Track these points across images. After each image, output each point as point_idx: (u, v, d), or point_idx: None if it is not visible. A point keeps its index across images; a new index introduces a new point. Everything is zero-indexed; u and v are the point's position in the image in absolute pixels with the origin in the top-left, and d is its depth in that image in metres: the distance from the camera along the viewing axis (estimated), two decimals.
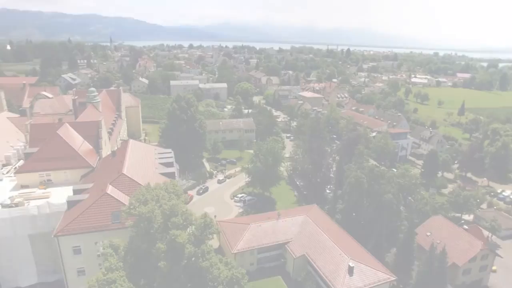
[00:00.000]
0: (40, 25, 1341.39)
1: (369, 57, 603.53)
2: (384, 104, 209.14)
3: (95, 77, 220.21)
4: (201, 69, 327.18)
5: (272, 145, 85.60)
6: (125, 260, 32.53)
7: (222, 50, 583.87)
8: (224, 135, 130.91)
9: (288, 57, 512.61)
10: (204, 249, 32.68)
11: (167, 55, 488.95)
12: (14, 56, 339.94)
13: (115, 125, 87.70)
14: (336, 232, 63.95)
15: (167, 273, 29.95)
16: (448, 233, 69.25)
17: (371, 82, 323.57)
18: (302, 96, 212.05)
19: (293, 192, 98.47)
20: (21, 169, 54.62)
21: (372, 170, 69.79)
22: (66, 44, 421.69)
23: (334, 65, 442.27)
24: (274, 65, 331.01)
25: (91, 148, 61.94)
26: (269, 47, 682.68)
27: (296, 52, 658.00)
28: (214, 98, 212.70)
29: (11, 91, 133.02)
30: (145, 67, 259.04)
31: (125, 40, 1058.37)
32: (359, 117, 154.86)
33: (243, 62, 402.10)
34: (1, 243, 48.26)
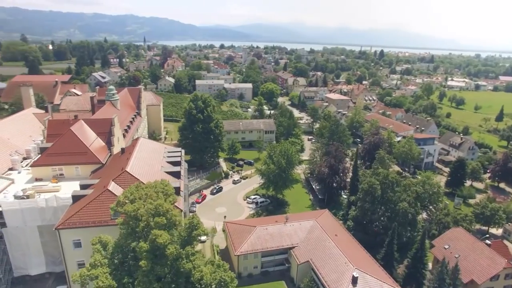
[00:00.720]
0: (81, 26, 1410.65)
1: (403, 59, 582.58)
2: (414, 108, 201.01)
3: (124, 76, 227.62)
4: (229, 69, 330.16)
5: (286, 147, 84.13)
6: (113, 257, 32.82)
7: (253, 50, 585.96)
8: (244, 136, 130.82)
9: (319, 58, 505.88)
10: (188, 250, 32.29)
11: (197, 54, 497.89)
12: (55, 55, 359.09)
13: (133, 122, 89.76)
14: (344, 239, 61.67)
15: (147, 272, 29.84)
16: (468, 247, 64.84)
17: (403, 84, 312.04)
18: (328, 98, 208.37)
19: (308, 196, 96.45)
20: (35, 162, 57.07)
21: (386, 176, 66.67)
22: (102, 44, 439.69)
23: (365, 66, 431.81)
24: (302, 66, 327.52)
25: (103, 145, 63.69)
26: (300, 48, 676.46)
27: (327, 53, 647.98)
28: (238, 98, 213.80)
29: (45, 88, 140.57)
30: (173, 66, 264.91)
31: (159, 39, 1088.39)
32: (384, 121, 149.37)
33: (271, 62, 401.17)
34: (13, 233, 50.56)
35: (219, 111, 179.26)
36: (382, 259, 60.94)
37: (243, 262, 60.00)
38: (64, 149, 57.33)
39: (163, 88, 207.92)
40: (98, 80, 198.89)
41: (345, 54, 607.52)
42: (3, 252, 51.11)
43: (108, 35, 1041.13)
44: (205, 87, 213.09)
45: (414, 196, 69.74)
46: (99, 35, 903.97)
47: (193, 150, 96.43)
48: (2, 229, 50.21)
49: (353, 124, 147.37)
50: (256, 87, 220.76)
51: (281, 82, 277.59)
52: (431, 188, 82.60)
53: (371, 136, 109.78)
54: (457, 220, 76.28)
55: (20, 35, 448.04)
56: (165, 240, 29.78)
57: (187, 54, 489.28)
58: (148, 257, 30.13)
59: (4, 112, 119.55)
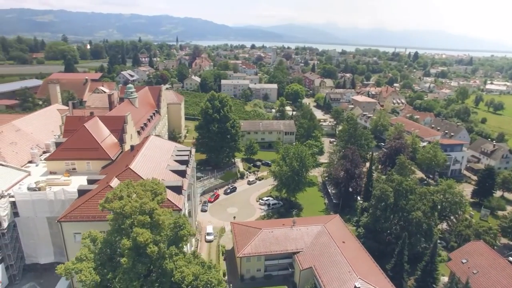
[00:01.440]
0: (119, 26, 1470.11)
1: (439, 61, 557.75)
2: (446, 112, 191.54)
3: (152, 74, 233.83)
4: (257, 69, 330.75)
5: (299, 149, 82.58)
6: (101, 252, 33.36)
7: (283, 51, 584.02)
8: (263, 136, 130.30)
9: (350, 59, 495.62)
10: (172, 250, 32.19)
11: (228, 54, 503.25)
12: (91, 54, 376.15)
13: (151, 120, 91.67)
14: (352, 247, 59.44)
15: (128, 269, 30.03)
16: (489, 263, 60.28)
17: (436, 88, 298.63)
18: (354, 100, 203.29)
19: (323, 200, 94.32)
20: (49, 156, 59.56)
21: (400, 183, 63.59)
22: (135, 43, 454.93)
23: (398, 69, 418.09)
24: (331, 67, 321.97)
25: (115, 142, 65.41)
26: (332, 49, 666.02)
27: (359, 55, 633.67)
28: (263, 98, 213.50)
29: (75, 86, 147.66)
30: (200, 66, 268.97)
31: (192, 39, 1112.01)
32: (410, 125, 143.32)
33: (299, 63, 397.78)
34: (24, 222, 53.04)
35: (242, 111, 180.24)
36: (392, 270, 58.19)
37: (246, 264, 59.41)
38: (77, 144, 59.37)
39: (189, 87, 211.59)
40: (126, 79, 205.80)
41: (377, 56, 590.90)
42: (15, 240, 53.70)
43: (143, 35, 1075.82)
44: (230, 87, 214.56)
45: (431, 205, 65.94)
46: (135, 35, 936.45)
47: (209, 149, 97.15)
48: (15, 218, 52.80)
49: (377, 127, 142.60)
50: (282, 87, 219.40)
51: (308, 83, 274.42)
52: (452, 197, 78.28)
53: (393, 141, 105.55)
54: (479, 233, 71.35)
55: (62, 35, 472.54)
56: (146, 239, 29.82)
57: (217, 54, 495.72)
58: (129, 255, 30.31)
59: (38, 107, 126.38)
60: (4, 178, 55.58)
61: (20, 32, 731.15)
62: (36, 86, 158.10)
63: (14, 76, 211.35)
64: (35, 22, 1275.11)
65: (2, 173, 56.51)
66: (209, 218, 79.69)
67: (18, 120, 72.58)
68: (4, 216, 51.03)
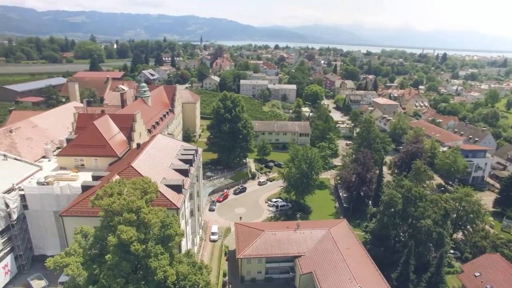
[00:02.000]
0: (147, 26, 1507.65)
1: (470, 63, 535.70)
2: (471, 116, 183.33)
3: (172, 74, 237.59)
4: (278, 70, 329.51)
5: (308, 151, 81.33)
6: (91, 248, 33.97)
7: (307, 52, 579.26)
8: (277, 137, 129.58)
9: (375, 61, 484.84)
10: (157, 249, 32.29)
11: (251, 54, 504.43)
12: (117, 54, 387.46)
13: (163, 119, 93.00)
14: (356, 253, 57.81)
15: (113, 266, 30.36)
16: (504, 278, 56.90)
17: (464, 90, 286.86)
18: (375, 102, 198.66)
19: (334, 203, 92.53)
20: (60, 152, 61.50)
21: (409, 189, 61.24)
22: (160, 43, 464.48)
23: (424, 71, 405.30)
24: (353, 68, 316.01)
25: (124, 139, 66.68)
26: (356, 50, 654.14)
27: (385, 56, 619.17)
28: (282, 99, 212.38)
29: (97, 84, 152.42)
30: (221, 66, 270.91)
31: (217, 39, 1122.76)
32: (431, 129, 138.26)
33: (321, 64, 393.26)
34: (33, 215, 55.10)
35: (259, 111, 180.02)
36: (397, 279, 56.19)
37: (247, 266, 59.09)
38: (86, 141, 60.97)
39: (208, 86, 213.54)
40: (147, 77, 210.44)
41: (403, 57, 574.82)
42: (25, 232, 55.85)
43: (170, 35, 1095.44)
44: (249, 87, 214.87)
45: (442, 213, 63.08)
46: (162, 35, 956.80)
47: (220, 149, 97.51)
48: (24, 211, 54.94)
49: (395, 130, 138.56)
50: (301, 88, 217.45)
51: (328, 84, 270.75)
52: (469, 206, 74.69)
53: (409, 145, 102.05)
54: (497, 245, 67.63)
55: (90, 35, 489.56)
56: (130, 237, 30.03)
57: (240, 54, 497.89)
58: (114, 252, 30.64)
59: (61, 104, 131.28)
60: (17, 172, 57.84)
61: (55, 33, 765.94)
62: (60, 84, 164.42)
63: (43, 75, 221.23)
64: (68, 23, 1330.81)
65: (16, 167, 58.85)
66: (216, 218, 79.91)
67: (36, 117, 75.46)
68: (14, 208, 53.14)
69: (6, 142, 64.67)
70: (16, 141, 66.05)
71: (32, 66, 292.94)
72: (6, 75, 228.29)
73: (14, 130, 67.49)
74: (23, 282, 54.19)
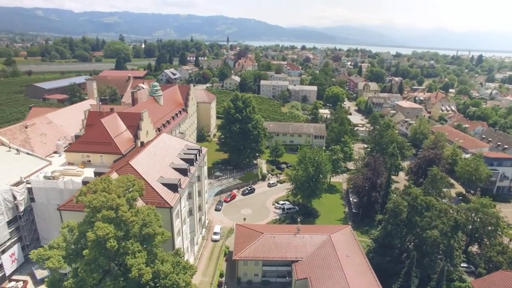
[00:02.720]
0: (176, 26, 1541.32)
1: (509, 65, 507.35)
2: (503, 122, 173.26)
3: (194, 73, 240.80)
4: (302, 71, 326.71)
5: (315, 154, 79.73)
6: (76, 242, 34.80)
7: (334, 53, 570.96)
8: (292, 139, 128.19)
9: (404, 62, 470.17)
10: (135, 247, 32.55)
11: (276, 55, 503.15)
12: (145, 53, 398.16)
13: (175, 118, 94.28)
14: (355, 262, 55.87)
15: (90, 261, 30.93)
16: None
17: (500, 94, 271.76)
18: (398, 105, 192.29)
19: (343, 208, 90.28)
20: (68, 148, 63.73)
21: (415, 198, 58.56)
22: (187, 43, 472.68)
23: (456, 73, 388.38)
24: (378, 70, 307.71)
25: (130, 137, 68.14)
26: (386, 52, 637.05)
27: (415, 58, 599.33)
28: (302, 100, 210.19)
29: (119, 83, 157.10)
30: (243, 66, 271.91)
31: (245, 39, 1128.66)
32: (455, 134, 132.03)
33: (345, 65, 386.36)
34: (39, 208, 57.49)
35: (278, 112, 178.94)
36: None
37: (243, 267, 58.70)
38: (93, 138, 62.79)
39: (228, 86, 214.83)
40: (168, 77, 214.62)
41: (435, 59, 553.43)
42: (31, 223, 58.37)
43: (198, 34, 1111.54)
44: (269, 88, 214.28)
45: (452, 224, 59.82)
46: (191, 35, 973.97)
47: (230, 149, 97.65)
48: (31, 203, 57.39)
49: (416, 135, 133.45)
50: (322, 90, 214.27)
51: (352, 86, 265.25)
52: (486, 218, 70.46)
53: (427, 150, 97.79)
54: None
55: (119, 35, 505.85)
56: (106, 233, 30.47)
57: (265, 54, 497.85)
58: (92, 247, 31.19)
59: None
60: (27, 166, 60.50)
61: (89, 33, 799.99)
62: (84, 82, 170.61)
63: (72, 73, 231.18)
64: (102, 23, 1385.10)
65: (27, 161, 61.63)
66: (221, 218, 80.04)
67: (51, 113, 78.71)
68: (21, 201, 55.63)
69: (21, 137, 67.82)
70: (30, 136, 69.12)
71: (64, 65, 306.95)
72: (39, 73, 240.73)
73: (29, 126, 70.69)
74: (28, 271, 56.62)
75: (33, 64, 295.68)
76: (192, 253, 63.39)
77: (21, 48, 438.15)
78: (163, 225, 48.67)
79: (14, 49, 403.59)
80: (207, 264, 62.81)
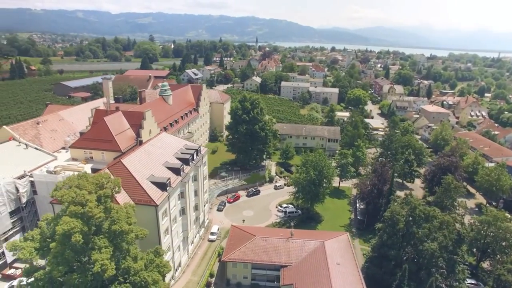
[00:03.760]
0: (208, 27, 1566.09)
1: None
2: None
3: (216, 73, 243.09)
4: (328, 72, 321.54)
5: (318, 157, 78.00)
6: (52, 235, 36.10)
7: (364, 54, 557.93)
8: (305, 141, 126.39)
9: (439, 65, 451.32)
10: (101, 243, 33.27)
11: (304, 56, 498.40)
12: (173, 53, 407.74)
13: (184, 118, 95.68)
14: (346, 271, 54.04)
15: (57, 254, 31.97)
16: None
17: None
18: (423, 109, 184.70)
19: (349, 215, 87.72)
20: (72, 145, 66.27)
21: (414, 208, 55.77)
22: (215, 43, 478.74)
23: (495, 76, 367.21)
24: (407, 73, 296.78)
25: (133, 135, 69.77)
26: (419, 54, 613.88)
27: (451, 60, 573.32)
28: (322, 102, 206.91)
29: (140, 82, 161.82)
30: (265, 67, 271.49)
31: (276, 40, 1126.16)
32: (480, 142, 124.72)
33: (372, 67, 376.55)
34: (41, 200, 60.20)
35: (296, 114, 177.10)
36: None
37: (232, 269, 58.47)
38: (95, 135, 64.94)
39: (248, 87, 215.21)
40: (190, 77, 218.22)
41: (473, 62, 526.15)
42: (34, 214, 61.31)
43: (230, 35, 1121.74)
44: (289, 89, 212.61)
45: (454, 237, 56.38)
46: (222, 35, 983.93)
47: (237, 150, 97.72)
48: (34, 196, 60.32)
49: (437, 141, 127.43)
50: (344, 92, 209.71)
51: (377, 89, 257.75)
52: (500, 233, 65.92)
53: (443, 157, 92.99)
54: None
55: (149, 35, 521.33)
56: (71, 227, 31.37)
57: (292, 55, 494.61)
58: (60, 241, 32.22)
59: None
60: (34, 160, 63.63)
61: (125, 33, 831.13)
62: None
63: (100, 72, 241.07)
64: (137, 24, 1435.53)
65: (34, 155, 64.85)
66: (221, 218, 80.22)
67: (64, 111, 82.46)
68: (24, 193, 58.62)
69: (32, 132, 71.51)
70: (41, 132, 72.73)
71: (95, 64, 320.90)
72: (69, 72, 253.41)
73: (41, 122, 74.40)
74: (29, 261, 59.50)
75: (67, 63, 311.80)
76: (186, 252, 64.01)
77: (61, 48, 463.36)
78: (149, 223, 50.05)
79: (53, 49, 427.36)
80: (199, 264, 63.14)
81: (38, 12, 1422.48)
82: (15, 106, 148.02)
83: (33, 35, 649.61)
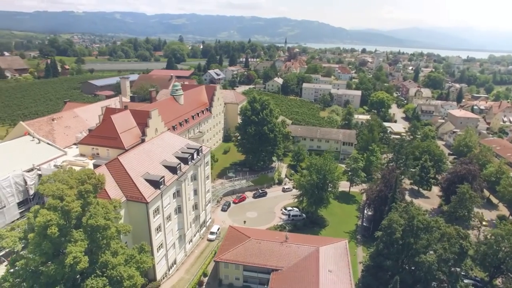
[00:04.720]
0: (240, 28, 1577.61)
1: None
2: None
3: (238, 74, 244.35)
4: (355, 74, 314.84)
5: (323, 161, 76.53)
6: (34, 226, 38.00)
7: (395, 56, 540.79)
8: (319, 144, 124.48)
9: (476, 68, 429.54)
10: (77, 236, 34.56)
11: (334, 58, 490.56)
12: (202, 53, 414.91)
13: (195, 118, 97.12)
14: (337, 279, 52.67)
15: (35, 245, 33.60)
16: None
17: None
18: (450, 114, 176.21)
19: (356, 221, 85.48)
20: (80, 141, 69.20)
21: (412, 218, 53.39)
22: (244, 44, 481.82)
23: None
24: (437, 75, 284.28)
25: (138, 133, 71.71)
26: (455, 56, 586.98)
27: (491, 62, 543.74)
28: (344, 105, 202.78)
29: (162, 82, 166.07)
30: (289, 68, 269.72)
31: (307, 42, 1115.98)
32: (507, 149, 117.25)
33: (400, 70, 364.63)
34: None
35: (316, 116, 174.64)
36: None
37: (224, 270, 58.66)
38: (102, 132, 67.43)
39: (270, 88, 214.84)
40: (212, 77, 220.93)
41: None
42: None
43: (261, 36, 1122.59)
44: (311, 91, 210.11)
45: (456, 250, 53.41)
46: (253, 36, 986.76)
47: (246, 150, 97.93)
48: None
49: (459, 147, 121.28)
50: (367, 95, 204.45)
51: (404, 92, 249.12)
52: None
53: (460, 165, 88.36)
54: None
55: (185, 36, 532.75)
56: (47, 220, 32.85)
57: (320, 57, 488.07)
58: (38, 232, 33.82)
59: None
60: (45, 154, 67.00)
61: (159, 34, 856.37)
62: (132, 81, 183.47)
63: (128, 71, 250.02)
64: (170, 24, 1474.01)
65: (45, 150, 68.27)
66: (224, 218, 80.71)
67: (79, 108, 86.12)
68: (31, 185, 61.74)
69: (46, 128, 75.36)
70: (55, 128, 76.43)
71: (124, 64, 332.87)
72: (100, 71, 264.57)
73: (56, 119, 78.25)
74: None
75: (99, 63, 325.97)
76: (183, 250, 64.97)
77: (97, 48, 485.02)
78: (140, 220, 51.43)
79: (90, 49, 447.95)
80: (194, 262, 63.86)
81: (80, 15, 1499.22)
82: (44, 103, 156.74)
83: (74, 36, 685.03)
